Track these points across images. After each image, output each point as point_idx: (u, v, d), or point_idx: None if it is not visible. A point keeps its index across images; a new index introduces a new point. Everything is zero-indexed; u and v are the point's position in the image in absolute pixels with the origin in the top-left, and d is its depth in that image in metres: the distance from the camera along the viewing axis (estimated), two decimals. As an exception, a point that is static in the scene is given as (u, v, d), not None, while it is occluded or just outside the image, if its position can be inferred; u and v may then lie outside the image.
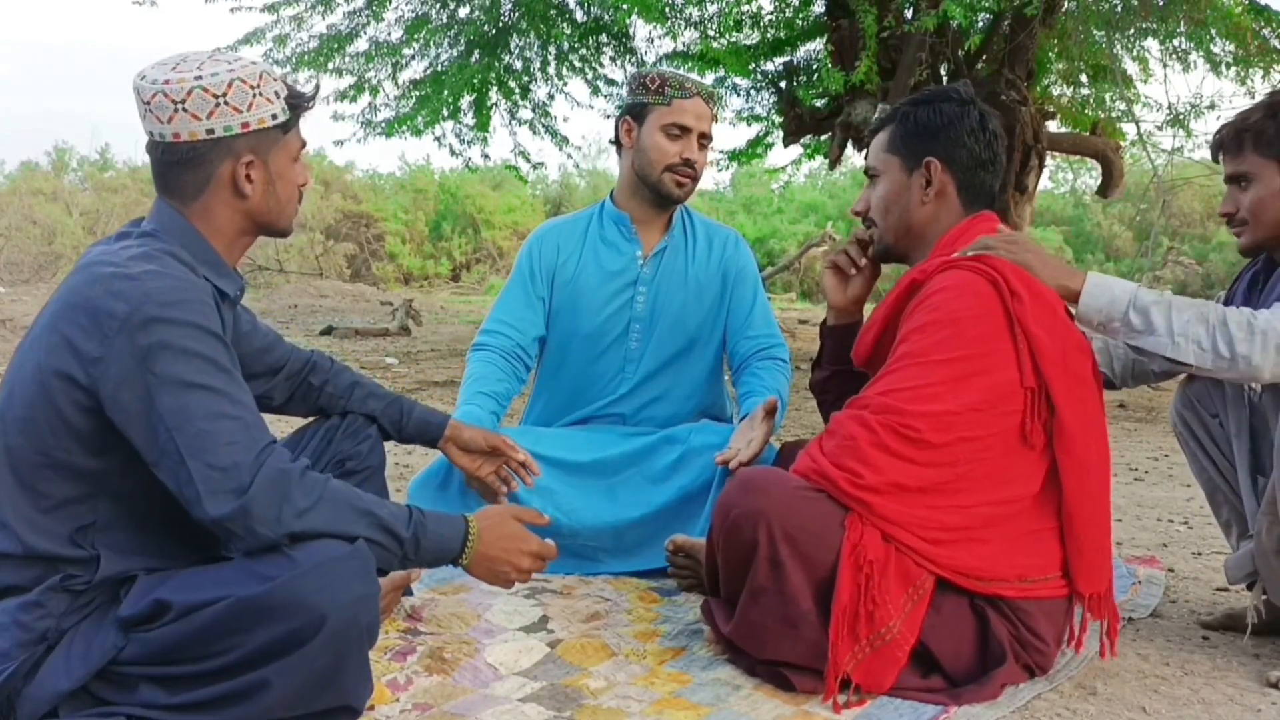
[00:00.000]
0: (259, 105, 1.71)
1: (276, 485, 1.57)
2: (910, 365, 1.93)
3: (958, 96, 2.15)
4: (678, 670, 2.02)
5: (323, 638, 1.53)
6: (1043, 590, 1.95)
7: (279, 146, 1.76)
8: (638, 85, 2.79)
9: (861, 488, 1.88)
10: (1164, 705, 1.93)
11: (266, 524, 1.56)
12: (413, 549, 1.70)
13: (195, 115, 1.66)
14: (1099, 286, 2.04)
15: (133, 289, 1.57)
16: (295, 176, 1.80)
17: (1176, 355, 1.99)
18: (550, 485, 2.66)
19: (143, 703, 1.57)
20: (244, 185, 1.72)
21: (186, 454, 1.54)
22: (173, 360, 1.56)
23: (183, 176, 1.71)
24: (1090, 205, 21.60)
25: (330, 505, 1.62)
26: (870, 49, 6.75)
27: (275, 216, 1.79)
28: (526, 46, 9.19)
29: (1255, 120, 2.17)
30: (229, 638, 1.54)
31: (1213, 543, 3.26)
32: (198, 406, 1.56)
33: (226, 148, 1.70)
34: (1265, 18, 7.06)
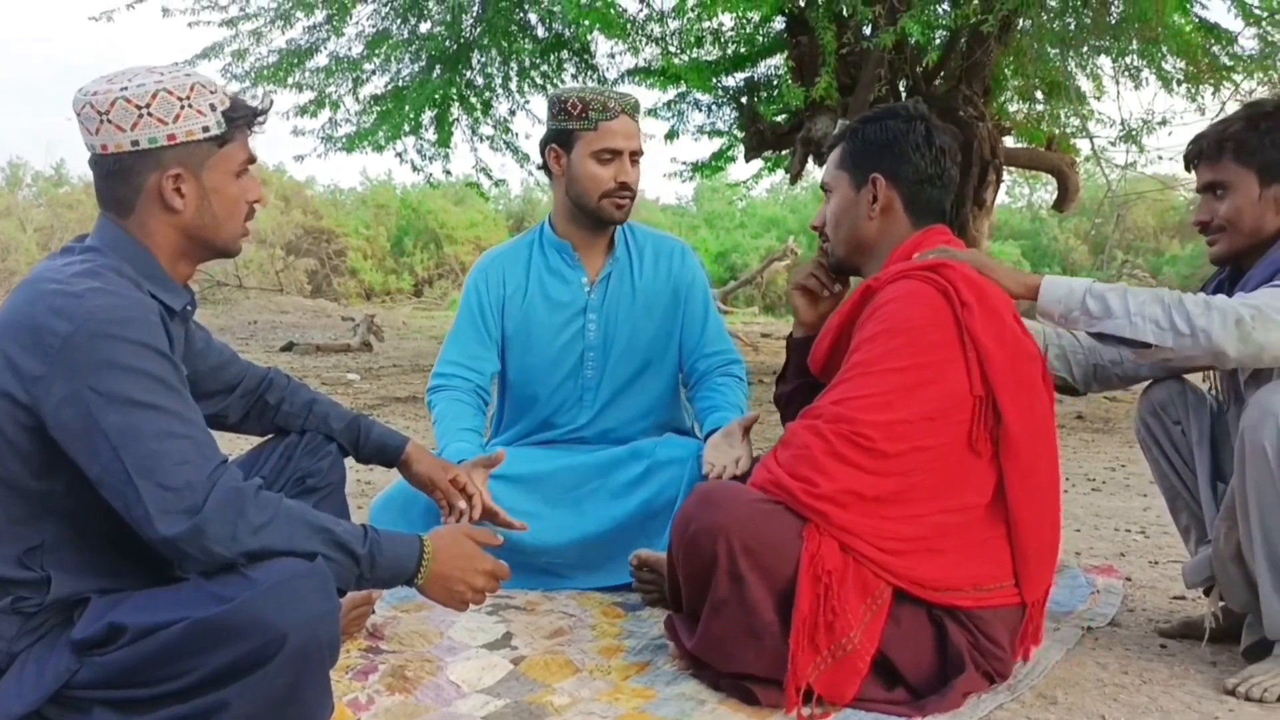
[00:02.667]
0: (186, 117, 1.66)
1: (231, 504, 1.54)
2: (863, 374, 1.95)
3: (905, 113, 2.18)
4: (642, 685, 2.01)
5: (283, 657, 1.51)
6: (998, 598, 1.97)
7: (214, 160, 1.70)
8: (559, 110, 2.72)
9: (817, 496, 1.89)
10: (1123, 713, 1.95)
11: (221, 543, 1.53)
12: (369, 568, 1.67)
13: (119, 127, 1.64)
14: (1055, 281, 2.11)
15: (76, 307, 1.54)
16: (238, 192, 1.75)
17: (1135, 335, 2.02)
18: (513, 505, 2.64)
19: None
20: (172, 199, 1.68)
21: (135, 474, 1.51)
22: (118, 379, 1.52)
23: (115, 190, 1.69)
24: (1047, 219, 21.86)
25: (285, 523, 1.59)
26: (830, 65, 6.80)
27: (214, 233, 1.74)
28: (488, 62, 9.18)
29: (1236, 130, 2.20)
30: (187, 659, 1.51)
31: (1169, 551, 3.30)
32: (146, 426, 1.53)
33: (153, 160, 1.66)
34: (1215, 36, 7.18)
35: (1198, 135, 2.28)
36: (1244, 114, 2.23)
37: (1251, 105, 2.26)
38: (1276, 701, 1.99)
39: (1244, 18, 7.04)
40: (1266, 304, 1.98)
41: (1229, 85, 7.44)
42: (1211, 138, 2.23)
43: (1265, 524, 2.03)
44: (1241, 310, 1.96)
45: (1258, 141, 2.17)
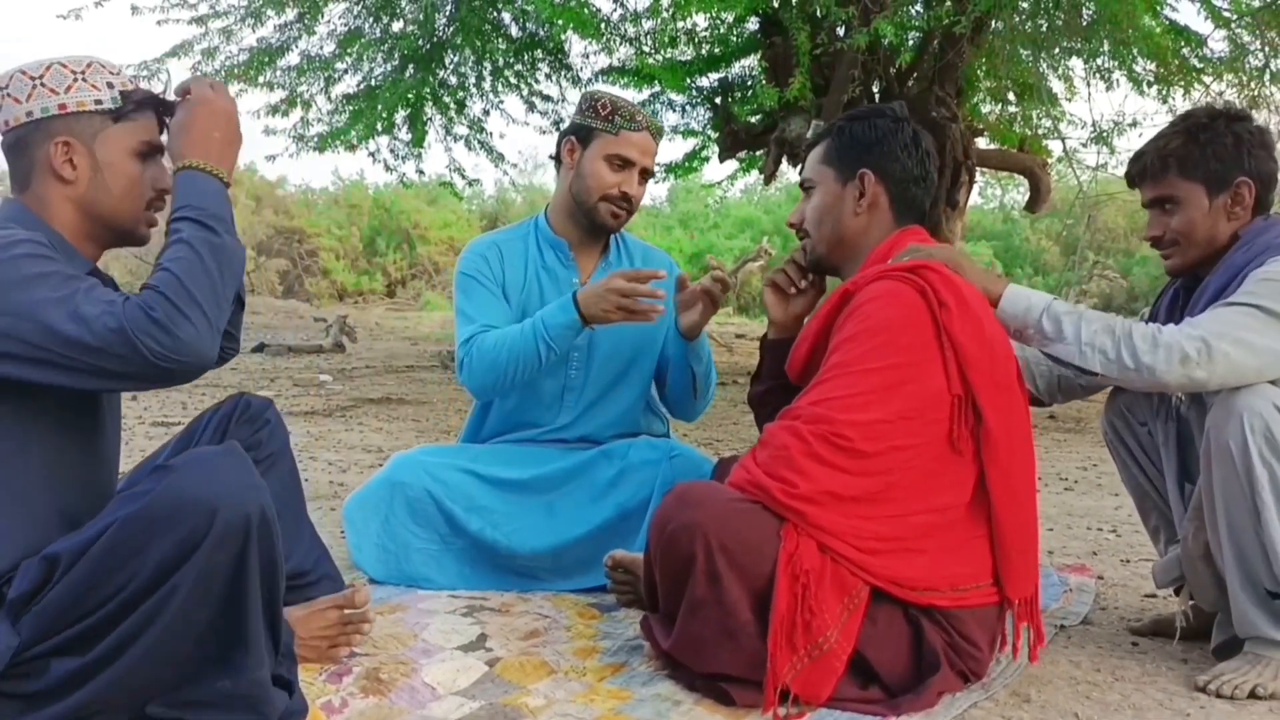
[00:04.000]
0: (79, 89, 1.71)
1: (143, 304, 1.54)
2: (841, 375, 1.95)
3: (892, 114, 2.20)
4: (618, 687, 2.01)
5: (217, 532, 1.51)
6: (974, 598, 1.97)
7: (107, 134, 1.73)
8: (588, 107, 2.74)
9: (795, 497, 1.89)
10: (1096, 711, 1.96)
11: (155, 334, 1.52)
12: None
13: (15, 99, 1.70)
14: (1017, 293, 2.14)
15: None
16: (135, 172, 1.76)
17: (1083, 363, 2.08)
18: (489, 505, 2.64)
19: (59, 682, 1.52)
20: (63, 168, 1.71)
21: (57, 323, 1.51)
22: (14, 280, 1.53)
23: (15, 165, 1.73)
24: (1019, 220, 22.02)
25: (202, 275, 1.59)
26: (804, 66, 6.83)
27: (110, 212, 1.75)
28: (462, 62, 9.16)
29: (1177, 145, 2.21)
30: (125, 566, 1.51)
31: (1141, 550, 3.33)
32: (49, 287, 1.53)
33: (45, 130, 1.71)
34: (1185, 38, 7.26)
35: (1138, 153, 2.29)
36: (1181, 127, 2.23)
37: (1187, 117, 2.26)
38: (1247, 698, 2.01)
39: (1213, 20, 7.12)
40: (1213, 333, 2.00)
41: (1199, 87, 7.51)
42: (1153, 154, 2.24)
43: (1232, 523, 2.04)
44: (1188, 347, 1.99)
45: (1200, 154, 2.19)
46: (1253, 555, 2.03)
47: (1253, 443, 1.99)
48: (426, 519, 2.63)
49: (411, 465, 2.66)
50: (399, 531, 2.62)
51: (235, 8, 8.49)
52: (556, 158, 2.81)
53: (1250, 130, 2.19)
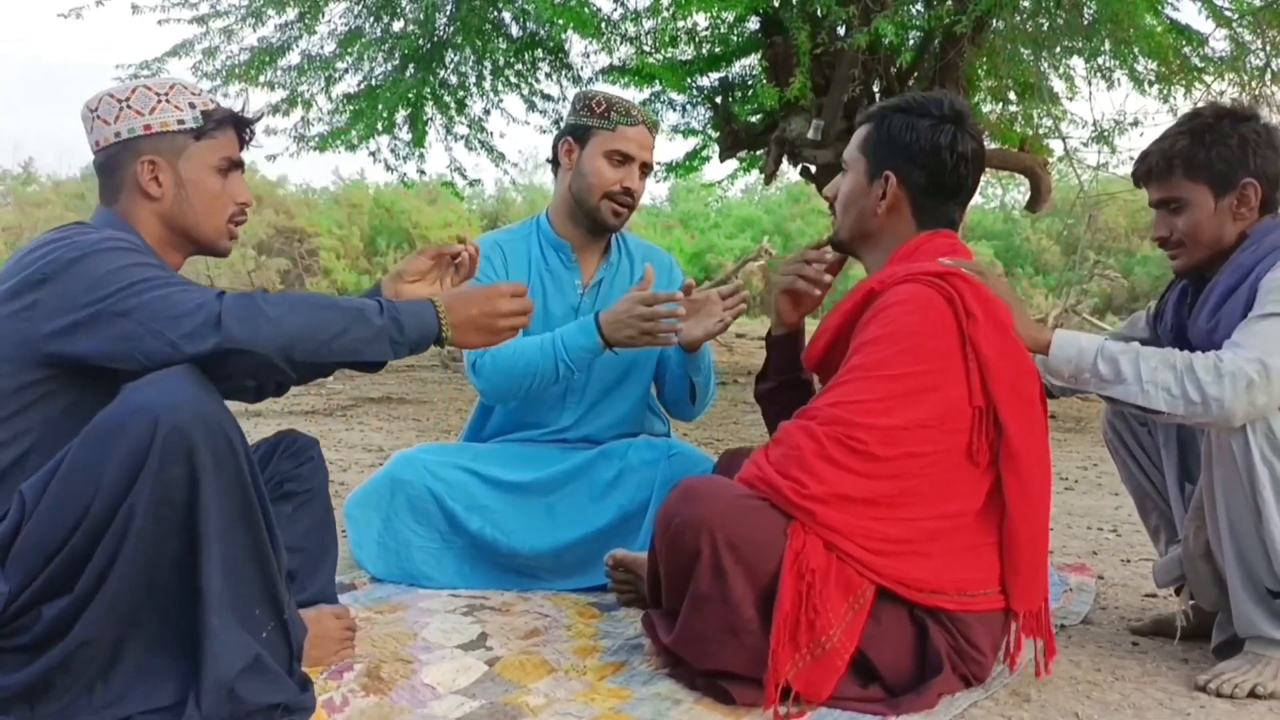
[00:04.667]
0: (162, 110, 1.83)
1: (244, 305, 1.67)
2: (861, 378, 1.94)
3: (939, 113, 2.10)
4: (618, 686, 2.01)
5: (160, 440, 1.54)
6: (981, 604, 1.97)
7: (190, 152, 1.85)
8: (582, 106, 2.73)
9: (806, 497, 1.88)
10: (1096, 710, 1.96)
11: (252, 341, 1.65)
12: (396, 330, 1.78)
13: (105, 120, 1.83)
14: (1066, 339, 2.08)
15: (67, 240, 1.71)
16: (217, 188, 1.88)
17: (1148, 403, 2.01)
18: (489, 505, 2.64)
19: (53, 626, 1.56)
20: (149, 186, 1.83)
21: (147, 322, 1.63)
22: (107, 272, 1.66)
23: (105, 182, 1.86)
24: (1019, 220, 22.00)
25: (303, 308, 1.71)
26: (804, 65, 6.82)
27: (194, 225, 1.87)
28: (462, 61, 9.15)
29: (1183, 146, 2.18)
30: (82, 488, 1.55)
31: (1141, 550, 3.33)
32: (143, 288, 1.65)
33: (132, 149, 1.83)
34: (1186, 37, 7.25)
35: (1144, 154, 2.27)
36: (1187, 128, 2.21)
37: (1192, 117, 2.24)
38: (1247, 697, 2.00)
39: (1214, 19, 7.11)
40: (1266, 351, 1.96)
41: (1200, 86, 7.51)
42: (1158, 155, 2.22)
43: (1233, 523, 2.04)
44: (1250, 371, 1.94)
45: (1205, 156, 2.16)
46: (1253, 554, 2.03)
47: (1254, 442, 1.98)
48: (427, 517, 2.63)
49: (412, 464, 2.66)
50: (400, 529, 2.62)
51: (236, 7, 8.48)
52: (554, 161, 2.80)
53: (1257, 130, 2.17)
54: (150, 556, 1.58)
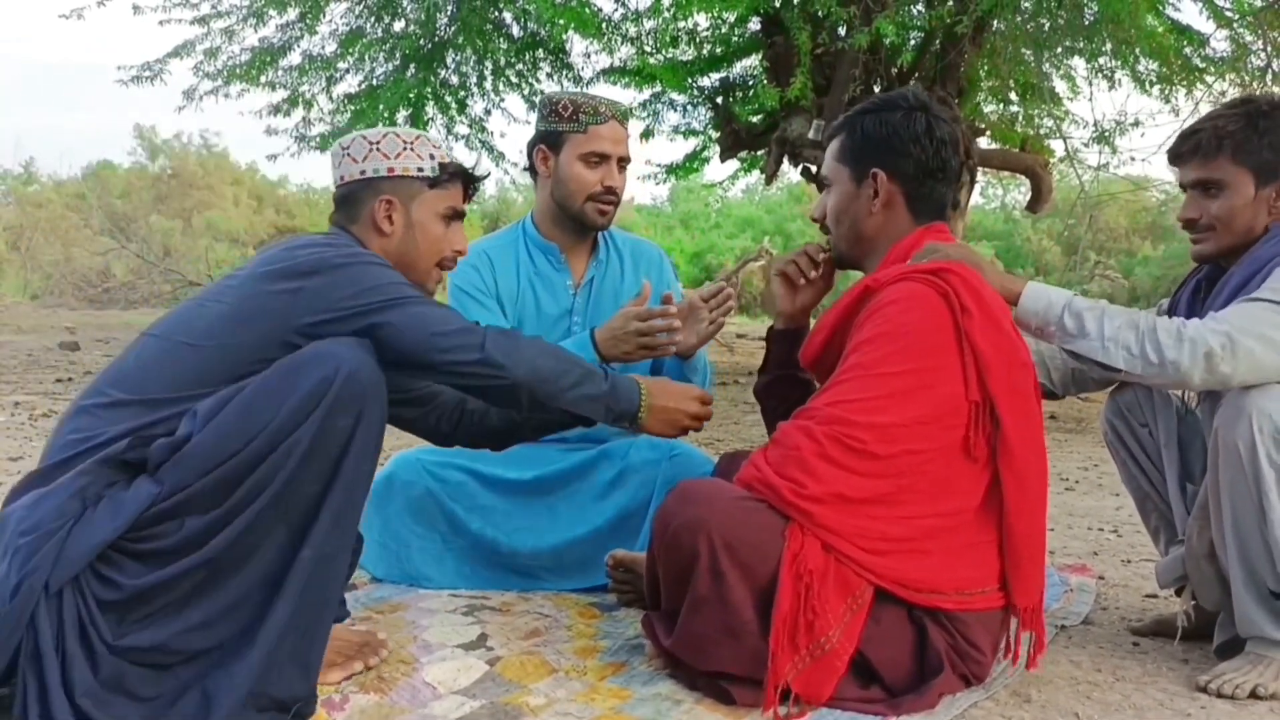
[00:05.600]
0: (406, 156, 2.03)
1: (505, 339, 1.90)
2: (859, 377, 1.94)
3: (905, 104, 2.14)
4: (618, 686, 2.01)
5: (339, 385, 1.71)
6: (980, 602, 1.97)
7: (422, 198, 2.04)
8: (549, 111, 2.71)
9: (804, 497, 1.88)
10: (1097, 711, 1.96)
11: (506, 368, 1.87)
12: (613, 398, 2.02)
13: (353, 159, 2.03)
14: (1037, 291, 2.12)
15: (333, 247, 1.89)
16: (440, 233, 2.06)
17: (1107, 360, 2.04)
18: (490, 505, 2.64)
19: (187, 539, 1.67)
20: (382, 222, 2.02)
21: (413, 332, 1.83)
22: (378, 272, 1.86)
23: (345, 211, 2.04)
24: (1020, 221, 21.99)
25: (551, 356, 1.95)
26: (805, 66, 6.82)
27: (412, 263, 2.04)
28: (463, 61, 9.15)
29: (1236, 128, 2.16)
30: (259, 414, 1.70)
31: (1141, 550, 3.32)
32: (412, 304, 1.85)
33: (374, 188, 2.02)
34: (1187, 38, 7.25)
35: (1191, 129, 2.24)
36: (1241, 111, 2.19)
37: (1246, 102, 2.22)
38: (1248, 698, 2.00)
39: (1215, 20, 7.11)
40: (1239, 328, 1.98)
41: (1201, 86, 7.50)
42: (1210, 133, 2.19)
43: (1237, 522, 2.04)
44: (1213, 342, 1.96)
45: (1257, 141, 2.15)
46: (1257, 555, 2.03)
47: (1261, 443, 1.98)
48: (427, 518, 2.63)
49: (412, 464, 2.66)
50: (400, 530, 2.61)
51: (237, 7, 8.49)
52: (531, 169, 2.78)
53: None
54: (291, 497, 1.71)
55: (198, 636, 1.70)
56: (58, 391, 6.78)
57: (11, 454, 4.53)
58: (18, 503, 1.72)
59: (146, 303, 15.76)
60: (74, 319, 13.20)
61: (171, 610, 1.69)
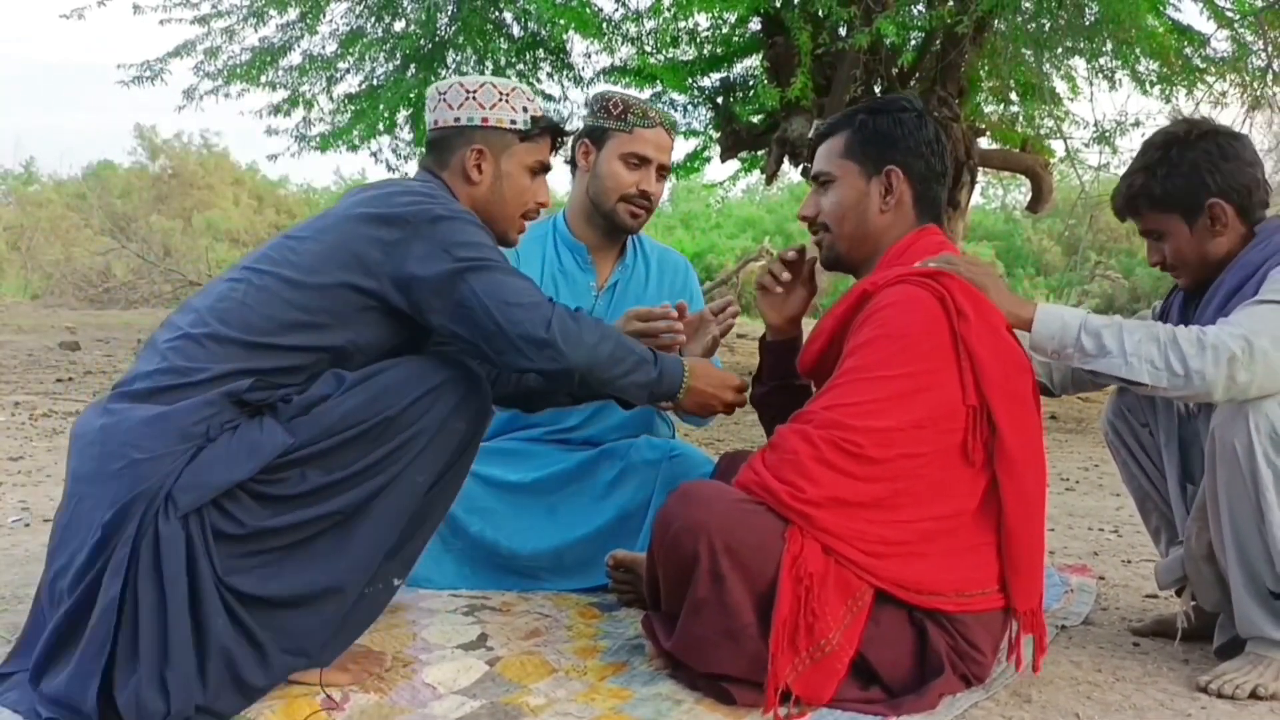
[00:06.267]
0: (500, 108, 2.07)
1: (572, 320, 1.93)
2: (856, 380, 1.94)
3: (912, 107, 2.16)
4: (618, 686, 2.00)
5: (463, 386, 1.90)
6: (980, 604, 1.97)
7: (512, 150, 2.09)
8: (599, 108, 2.72)
9: (802, 501, 1.88)
10: (1097, 711, 1.96)
11: (567, 353, 1.90)
12: (658, 382, 2.05)
13: (449, 105, 2.08)
14: (1049, 314, 2.08)
15: (423, 197, 1.94)
16: (526, 185, 2.11)
17: (1131, 375, 2.01)
18: (491, 506, 2.63)
19: (307, 491, 1.77)
20: (472, 171, 2.07)
21: (490, 303, 1.87)
22: (464, 243, 1.89)
23: (436, 155, 2.09)
24: (1020, 221, 21.98)
25: (609, 342, 1.97)
26: (805, 66, 6.81)
27: (498, 213, 2.10)
28: (464, 61, 9.13)
29: (1140, 183, 2.23)
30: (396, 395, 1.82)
31: (1142, 550, 3.32)
32: (493, 270, 1.90)
33: (466, 136, 2.07)
34: (1188, 38, 7.25)
35: (1114, 193, 2.32)
36: (1140, 164, 2.25)
37: (1146, 146, 2.27)
38: (1248, 698, 2.00)
39: (1216, 20, 7.11)
40: (1253, 331, 1.97)
41: (1202, 87, 7.50)
42: (1124, 196, 2.28)
43: (1236, 524, 2.04)
44: (1233, 346, 1.95)
45: (1161, 189, 2.21)
46: (1256, 555, 2.03)
47: (1258, 443, 1.98)
48: (427, 518, 2.62)
49: (412, 464, 2.65)
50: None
51: (237, 7, 8.48)
52: (571, 162, 2.79)
53: (1208, 149, 2.18)
54: (404, 481, 1.84)
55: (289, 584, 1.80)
56: (58, 391, 6.78)
57: (12, 454, 4.52)
58: (123, 416, 1.77)
59: (147, 302, 15.75)
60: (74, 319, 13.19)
61: (276, 556, 1.79)
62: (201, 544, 1.73)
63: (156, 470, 1.72)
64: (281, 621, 1.79)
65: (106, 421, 1.78)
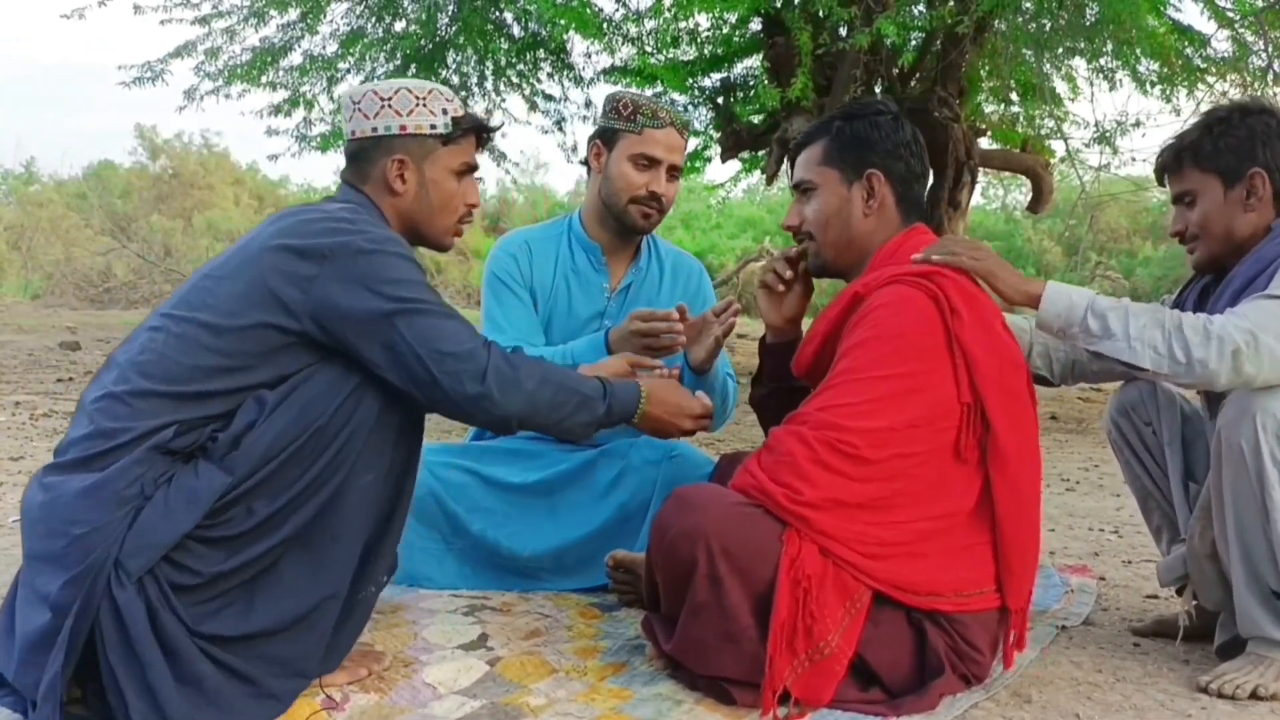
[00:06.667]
0: (419, 114, 1.97)
1: (508, 370, 1.84)
2: (850, 381, 1.94)
3: (888, 110, 2.17)
4: (619, 686, 2.00)
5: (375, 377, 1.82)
6: (978, 603, 1.97)
7: (435, 156, 1.99)
8: (610, 109, 2.71)
9: (799, 503, 1.88)
10: (1097, 712, 1.96)
11: (503, 405, 1.83)
12: (607, 416, 1.99)
13: (365, 115, 1.97)
14: (1058, 292, 2.09)
15: (346, 226, 1.83)
16: (454, 189, 2.02)
17: (1134, 360, 2.02)
18: (491, 507, 2.63)
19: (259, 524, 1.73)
20: (395, 182, 1.97)
21: (422, 349, 1.78)
22: (388, 282, 1.79)
23: (356, 168, 2.00)
24: (1021, 221, 21.96)
25: (549, 388, 1.89)
26: (806, 66, 6.81)
27: (427, 222, 2.02)
28: (464, 61, 9.13)
29: (1192, 138, 2.23)
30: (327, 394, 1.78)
31: (1142, 551, 3.32)
32: (421, 313, 1.80)
33: (385, 146, 1.97)
34: (1188, 38, 7.24)
35: (1162, 148, 2.31)
36: (1200, 121, 2.26)
37: (1209, 112, 2.29)
38: (1249, 699, 2.00)
39: (1217, 20, 7.10)
40: (1260, 325, 1.97)
41: (1203, 87, 7.49)
42: (1171, 149, 2.27)
43: (1240, 523, 2.04)
44: (1239, 339, 1.95)
45: (1212, 146, 2.20)
46: (1260, 555, 2.03)
47: (1264, 442, 1.98)
48: (428, 519, 2.62)
49: (413, 464, 2.65)
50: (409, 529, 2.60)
51: (238, 8, 8.48)
52: (586, 163, 2.79)
53: (1267, 122, 2.19)
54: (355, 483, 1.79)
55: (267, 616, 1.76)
56: (58, 391, 6.78)
57: (12, 454, 4.52)
58: (58, 490, 1.72)
59: (147, 302, 15.74)
60: (75, 319, 13.19)
61: (242, 594, 1.75)
62: (162, 602, 1.69)
63: (100, 541, 1.67)
64: (273, 651, 1.77)
65: (44, 498, 1.73)
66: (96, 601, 1.66)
